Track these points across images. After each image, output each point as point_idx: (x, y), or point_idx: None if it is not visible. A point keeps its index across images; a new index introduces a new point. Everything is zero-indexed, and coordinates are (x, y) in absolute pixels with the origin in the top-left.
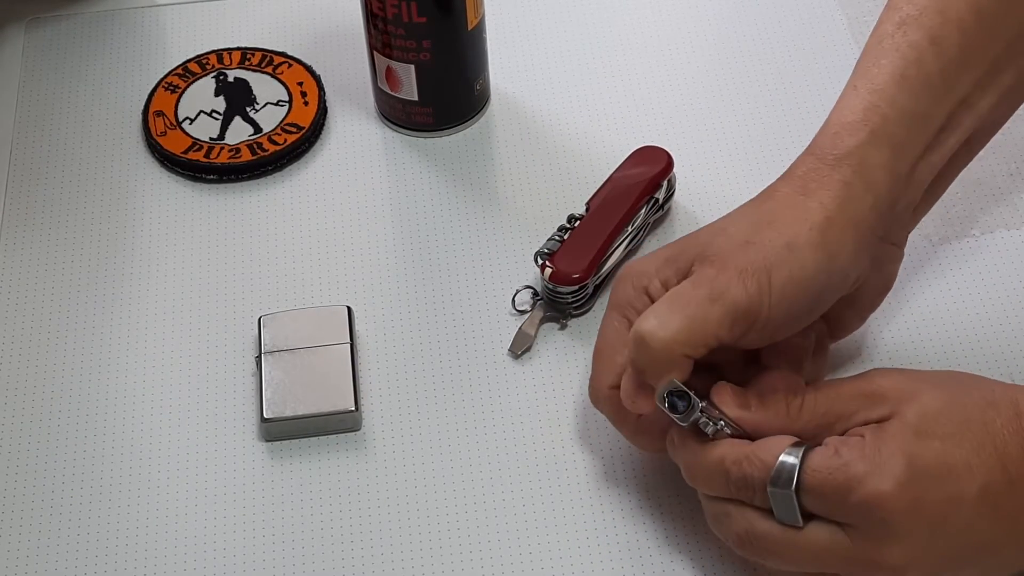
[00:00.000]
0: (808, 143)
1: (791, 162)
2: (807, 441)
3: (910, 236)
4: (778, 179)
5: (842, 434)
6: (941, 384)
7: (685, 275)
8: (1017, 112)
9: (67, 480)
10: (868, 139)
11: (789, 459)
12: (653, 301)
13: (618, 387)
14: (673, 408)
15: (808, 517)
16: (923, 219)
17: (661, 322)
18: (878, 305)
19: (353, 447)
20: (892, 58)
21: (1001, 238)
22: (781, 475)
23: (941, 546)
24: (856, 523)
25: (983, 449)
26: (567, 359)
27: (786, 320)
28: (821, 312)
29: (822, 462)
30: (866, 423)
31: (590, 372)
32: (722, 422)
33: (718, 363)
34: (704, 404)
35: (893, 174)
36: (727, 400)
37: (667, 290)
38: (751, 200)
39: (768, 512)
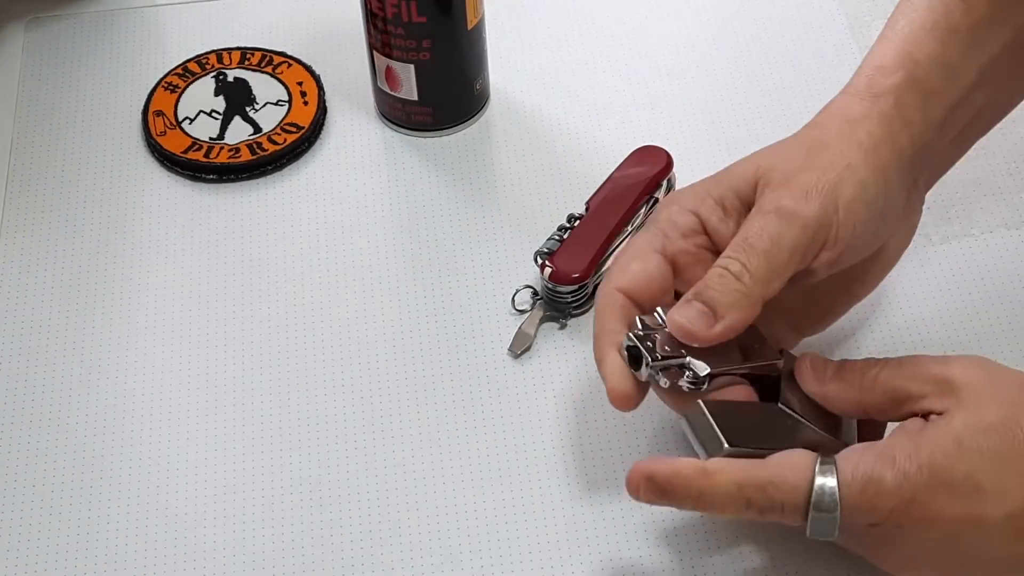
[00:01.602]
0: None
1: None
2: (828, 453)
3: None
4: (817, 116)
5: (905, 415)
6: (1011, 395)
7: (740, 193)
8: (1016, 112)
9: (66, 480)
10: (903, 82)
11: (828, 482)
12: (703, 221)
13: (623, 290)
14: (633, 361)
15: None
16: (923, 219)
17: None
18: (898, 259)
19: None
20: (922, 12)
21: (1001, 238)
22: (823, 500)
23: (952, 561)
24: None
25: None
26: (567, 359)
27: (852, 243)
28: (879, 242)
29: (855, 480)
30: (930, 412)
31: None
32: (683, 380)
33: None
34: (658, 360)
35: (927, 117)
36: (805, 374)
37: (721, 207)
38: (794, 135)
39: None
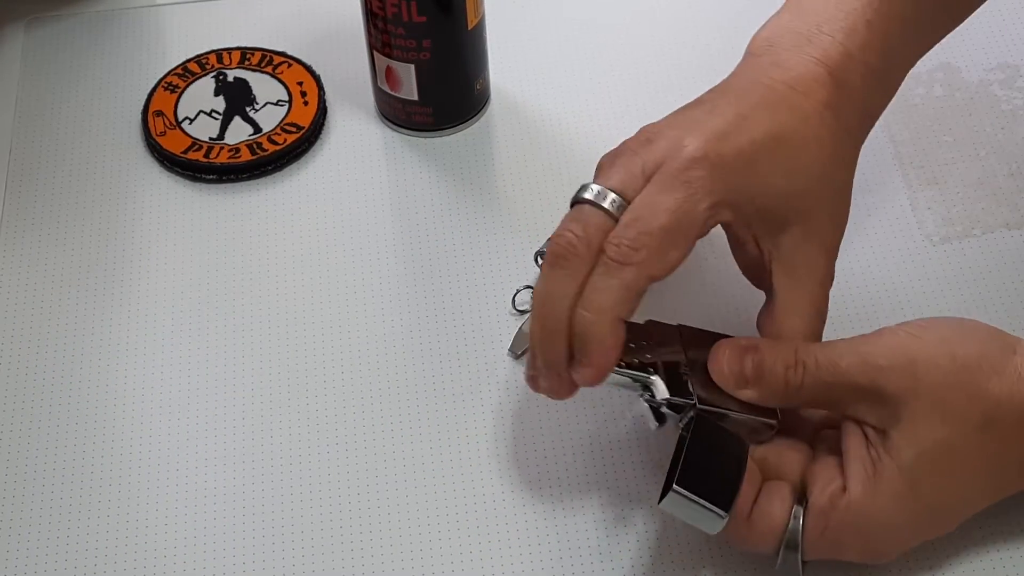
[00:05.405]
0: None
1: None
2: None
3: (910, 237)
4: (798, 97)
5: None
6: (943, 392)
7: (765, 220)
8: (1017, 113)
9: (66, 479)
10: (868, 74)
11: (791, 554)
12: (733, 233)
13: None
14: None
15: None
16: (923, 218)
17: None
18: (838, 240)
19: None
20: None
21: (1001, 238)
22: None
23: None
24: None
25: (978, 478)
26: None
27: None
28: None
29: (815, 529)
30: (864, 423)
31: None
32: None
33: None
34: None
35: (880, 106)
36: (721, 377)
37: (748, 225)
38: (778, 124)
39: None
